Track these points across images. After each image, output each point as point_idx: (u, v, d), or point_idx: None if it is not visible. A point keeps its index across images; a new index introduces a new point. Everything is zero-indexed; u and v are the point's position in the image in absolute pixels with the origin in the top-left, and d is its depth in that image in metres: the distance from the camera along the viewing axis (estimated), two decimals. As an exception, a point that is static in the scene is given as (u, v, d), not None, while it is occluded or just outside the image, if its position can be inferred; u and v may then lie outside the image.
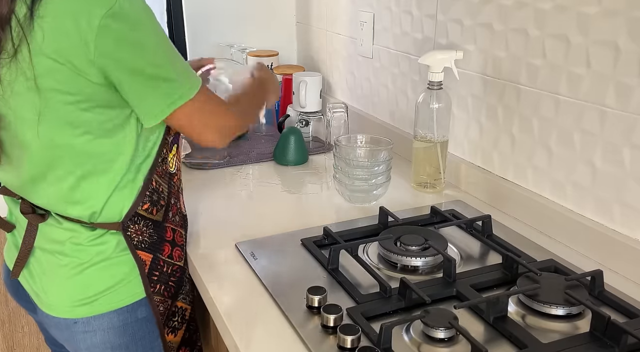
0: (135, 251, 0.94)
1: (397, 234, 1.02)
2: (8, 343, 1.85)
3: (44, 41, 0.79)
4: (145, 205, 0.95)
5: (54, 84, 0.81)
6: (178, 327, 1.03)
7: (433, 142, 1.24)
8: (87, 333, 0.95)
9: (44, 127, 0.85)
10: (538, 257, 0.98)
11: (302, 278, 0.93)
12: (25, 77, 0.81)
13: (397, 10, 1.46)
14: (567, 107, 1.02)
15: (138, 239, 0.95)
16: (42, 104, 0.83)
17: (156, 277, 0.97)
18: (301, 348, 0.78)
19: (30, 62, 0.80)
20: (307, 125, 1.60)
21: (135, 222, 0.94)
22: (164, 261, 0.98)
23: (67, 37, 0.79)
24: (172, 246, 1.00)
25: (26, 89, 0.82)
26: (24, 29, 0.79)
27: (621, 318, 0.83)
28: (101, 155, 0.90)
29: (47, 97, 0.82)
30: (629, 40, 0.90)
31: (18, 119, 0.85)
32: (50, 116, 0.84)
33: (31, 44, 0.79)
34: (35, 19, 0.78)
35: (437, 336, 0.78)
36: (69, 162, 0.89)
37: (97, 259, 0.93)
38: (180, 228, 1.04)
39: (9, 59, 0.80)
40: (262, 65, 1.25)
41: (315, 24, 1.92)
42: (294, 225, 1.12)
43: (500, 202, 1.19)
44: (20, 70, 0.81)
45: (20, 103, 0.84)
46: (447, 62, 1.20)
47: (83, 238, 0.93)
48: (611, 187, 0.97)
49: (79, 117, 0.85)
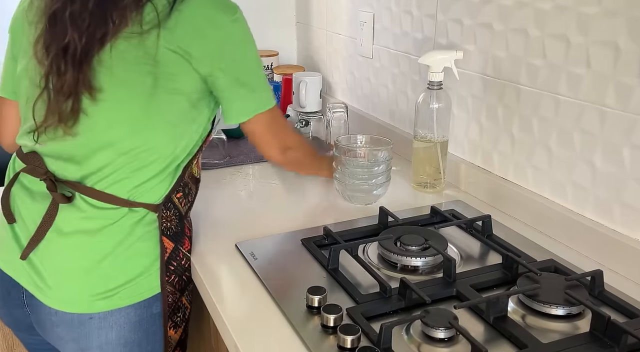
0: (161, 237, 0.97)
1: (397, 234, 1.02)
2: (8, 343, 1.85)
3: (175, 30, 0.90)
4: (178, 193, 1.00)
5: (165, 73, 0.91)
6: (179, 324, 1.04)
7: (433, 142, 1.24)
8: (103, 329, 0.94)
9: (131, 102, 0.92)
10: (538, 257, 0.98)
11: (302, 278, 0.93)
12: (146, 51, 0.89)
13: (397, 10, 1.46)
14: (567, 107, 1.02)
15: (166, 225, 0.98)
16: (151, 85, 0.91)
17: (173, 267, 0.99)
18: (301, 348, 0.78)
19: (156, 47, 0.89)
20: (307, 125, 1.60)
21: (168, 207, 0.99)
22: (183, 254, 1.01)
23: (195, 30, 0.91)
24: (190, 241, 1.04)
25: (142, 61, 0.90)
26: (159, 17, 0.89)
27: (621, 318, 0.83)
28: (169, 143, 0.96)
29: (157, 82, 0.91)
30: (629, 40, 0.90)
31: (113, 90, 0.91)
32: (144, 94, 0.91)
33: (162, 32, 0.89)
34: (173, 11, 0.90)
35: (437, 336, 0.78)
36: (135, 142, 0.93)
37: (122, 247, 0.94)
38: (191, 227, 1.07)
39: (133, 35, 0.89)
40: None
41: (315, 24, 1.92)
42: (294, 225, 1.12)
43: (500, 202, 1.19)
44: (142, 46, 0.89)
45: (127, 79, 0.91)
46: (447, 62, 1.20)
47: (108, 222, 0.94)
48: (611, 187, 0.97)
49: (167, 102, 0.93)
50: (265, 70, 1.90)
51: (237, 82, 0.98)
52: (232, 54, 0.96)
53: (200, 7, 0.93)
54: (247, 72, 0.99)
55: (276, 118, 1.07)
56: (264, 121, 1.03)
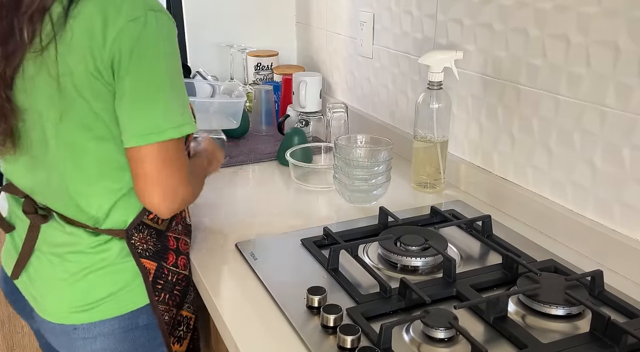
0: (140, 259, 0.93)
1: (397, 234, 1.02)
2: (8, 343, 1.85)
3: (72, 40, 0.80)
4: (151, 215, 0.95)
5: (73, 85, 0.82)
6: (184, 337, 1.02)
7: (433, 142, 1.24)
8: (87, 340, 0.94)
9: (61, 127, 0.85)
10: (538, 257, 0.98)
11: (302, 278, 0.93)
12: (49, 74, 0.82)
13: (397, 10, 1.46)
14: (567, 107, 1.02)
15: (142, 247, 0.94)
16: (61, 103, 0.83)
17: (160, 285, 0.96)
18: (301, 348, 0.78)
19: (56, 60, 0.81)
20: (307, 125, 1.60)
21: (139, 230, 0.94)
22: (169, 270, 0.97)
23: (93, 36, 0.80)
24: (176, 254, 0.99)
25: (48, 86, 0.83)
26: (55, 28, 0.80)
27: (621, 318, 0.83)
28: (111, 161, 0.89)
29: (66, 97, 0.83)
30: (629, 40, 0.89)
31: (37, 114, 0.86)
32: (69, 116, 0.84)
33: (59, 43, 0.80)
34: (68, 19, 0.80)
35: (437, 336, 0.78)
36: (82, 165, 0.88)
37: (100, 265, 0.92)
38: (184, 236, 1.02)
39: (35, 54, 0.81)
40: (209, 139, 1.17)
41: (315, 24, 1.92)
42: (294, 225, 1.12)
43: (500, 202, 1.19)
44: (44, 66, 0.82)
45: (42, 99, 0.84)
46: (447, 62, 1.20)
47: (85, 244, 0.92)
48: (611, 187, 0.97)
49: (94, 121, 0.85)
50: (265, 70, 1.91)
51: (136, 90, 0.82)
52: (132, 54, 0.81)
53: (96, 7, 0.80)
54: (149, 80, 0.83)
55: (175, 157, 0.86)
56: (153, 155, 0.84)
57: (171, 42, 0.85)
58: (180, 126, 0.85)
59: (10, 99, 0.85)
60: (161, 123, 0.83)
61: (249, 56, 1.91)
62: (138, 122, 0.83)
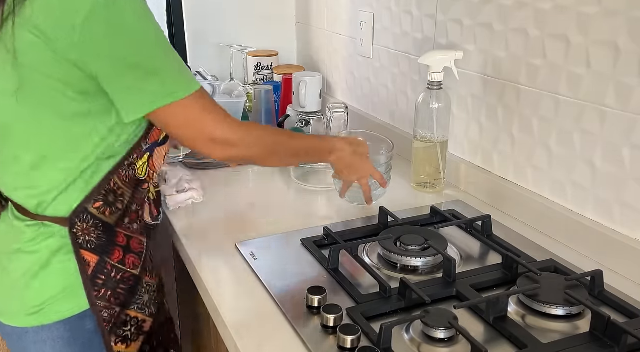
0: (79, 251, 0.90)
1: (397, 234, 1.02)
2: (8, 344, 1.84)
3: (32, 16, 0.78)
4: (97, 203, 0.91)
5: (31, 61, 0.81)
6: (132, 338, 0.98)
7: (433, 142, 1.24)
8: (38, 344, 0.92)
9: (11, 100, 0.84)
10: (538, 257, 0.98)
11: (302, 278, 0.93)
12: (6, 49, 0.81)
13: (397, 10, 1.46)
14: (567, 107, 1.02)
15: (84, 238, 0.91)
16: (18, 79, 0.82)
17: (101, 281, 0.92)
18: (301, 348, 0.78)
19: (13, 35, 0.79)
20: (307, 125, 1.60)
21: (83, 220, 0.90)
22: (113, 266, 0.94)
23: (54, 15, 0.78)
24: (124, 251, 0.95)
25: (4, 62, 0.82)
26: (14, 2, 0.79)
27: (621, 318, 0.83)
28: (65, 141, 0.87)
29: (23, 74, 0.82)
30: (629, 40, 0.89)
31: None
32: (25, 93, 0.83)
33: (17, 18, 0.79)
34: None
35: (437, 336, 0.78)
36: (34, 141, 0.87)
37: (36, 268, 0.90)
38: (140, 236, 0.99)
39: None
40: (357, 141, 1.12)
41: (315, 24, 1.92)
42: (294, 225, 1.12)
43: (500, 202, 1.19)
44: (2, 43, 0.81)
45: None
46: (447, 62, 1.20)
47: (24, 243, 0.90)
48: (611, 187, 0.97)
49: (53, 98, 0.84)
50: (265, 71, 1.91)
51: (120, 67, 0.81)
52: (106, 35, 0.79)
53: None
54: (134, 53, 0.81)
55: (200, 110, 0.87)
56: (174, 115, 0.86)
57: (144, 6, 0.83)
58: (183, 89, 0.85)
59: None
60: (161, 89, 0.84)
61: (249, 56, 1.91)
62: (136, 95, 0.84)
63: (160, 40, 0.85)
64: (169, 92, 0.84)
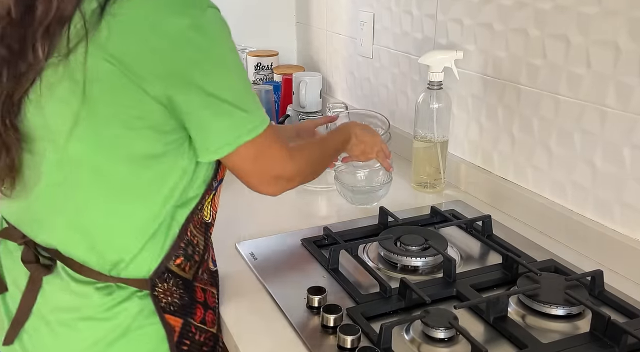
0: (164, 315, 0.78)
1: (397, 234, 1.02)
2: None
3: (108, 41, 0.68)
4: (178, 259, 0.80)
5: (103, 93, 0.70)
6: None
7: (433, 142, 1.24)
8: None
9: (76, 143, 0.72)
10: (538, 257, 0.98)
11: (302, 278, 0.93)
12: (72, 80, 0.69)
13: (397, 10, 1.46)
14: (567, 107, 1.02)
15: (167, 300, 0.79)
16: (82, 114, 0.70)
17: (186, 346, 0.81)
18: (301, 348, 0.78)
19: (84, 63, 0.68)
20: (307, 125, 1.60)
21: (164, 279, 0.78)
22: (197, 327, 0.82)
23: (137, 41, 0.68)
24: (204, 308, 0.84)
25: (70, 93, 0.70)
26: (87, 26, 0.67)
27: (621, 318, 0.83)
28: (137, 189, 0.75)
29: (91, 108, 0.70)
30: (629, 40, 0.89)
31: (49, 132, 0.73)
32: (88, 131, 0.71)
33: (90, 43, 0.67)
34: (104, 15, 0.68)
35: (437, 336, 0.78)
36: (96, 192, 0.75)
37: (116, 334, 0.77)
38: (211, 287, 0.87)
39: (58, 59, 0.69)
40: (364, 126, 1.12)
41: (315, 24, 1.92)
42: (294, 225, 1.12)
43: (500, 202, 1.19)
44: (68, 72, 0.69)
45: (58, 112, 0.71)
46: (447, 62, 1.20)
47: (94, 308, 0.76)
48: (611, 187, 0.97)
49: (122, 137, 0.72)
50: (265, 70, 1.91)
51: (207, 102, 0.72)
52: (193, 66, 0.71)
53: (143, 7, 0.68)
54: (220, 86, 0.73)
55: (269, 145, 0.79)
56: (251, 153, 0.77)
57: (229, 35, 0.75)
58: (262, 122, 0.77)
59: (17, 128, 0.73)
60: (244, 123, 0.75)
61: (249, 56, 1.91)
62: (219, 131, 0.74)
63: (243, 71, 0.77)
64: (253, 126, 0.76)
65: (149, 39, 0.68)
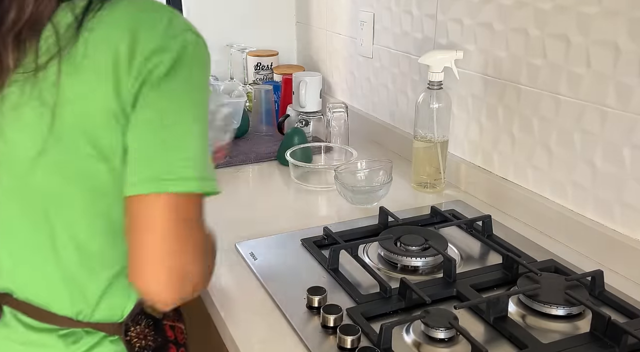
0: None
1: (397, 234, 1.02)
2: None
3: (84, 60, 0.61)
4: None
5: (75, 117, 0.62)
6: None
7: (433, 142, 1.24)
8: None
9: (42, 172, 0.64)
10: (538, 257, 0.98)
11: (302, 278, 0.93)
12: (40, 102, 0.61)
13: (397, 10, 1.46)
14: (568, 107, 1.02)
15: (140, 344, 0.72)
16: (50, 141, 0.62)
17: None
18: (301, 348, 0.78)
19: (56, 83, 0.61)
20: (307, 125, 1.60)
21: (137, 321, 0.72)
22: None
23: (116, 58, 0.61)
24: (177, 347, 0.79)
25: (37, 117, 0.62)
26: (60, 42, 0.60)
27: (621, 318, 0.83)
28: (103, 224, 0.67)
29: (60, 134, 0.62)
30: (629, 40, 0.89)
31: (10, 159, 0.65)
32: (55, 159, 0.64)
33: (64, 62, 0.61)
34: (82, 31, 0.61)
35: (437, 336, 0.78)
36: (62, 226, 0.67)
37: None
38: (178, 322, 0.82)
39: (25, 76, 0.61)
40: None
41: (315, 24, 1.92)
42: (294, 225, 1.12)
43: (500, 202, 1.19)
44: (36, 92, 0.61)
45: (23, 136, 0.63)
46: (447, 62, 1.20)
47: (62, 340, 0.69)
48: (611, 187, 0.97)
49: (90, 167, 0.64)
50: (265, 70, 1.91)
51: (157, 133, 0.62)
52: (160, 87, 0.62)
53: (121, 23, 0.62)
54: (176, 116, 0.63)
55: (192, 219, 0.65)
56: (164, 211, 0.62)
57: (207, 72, 0.68)
58: (205, 179, 0.64)
59: None
60: (182, 168, 0.62)
61: (249, 56, 1.91)
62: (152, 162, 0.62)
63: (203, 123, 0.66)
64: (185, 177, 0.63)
65: (124, 57, 0.61)
